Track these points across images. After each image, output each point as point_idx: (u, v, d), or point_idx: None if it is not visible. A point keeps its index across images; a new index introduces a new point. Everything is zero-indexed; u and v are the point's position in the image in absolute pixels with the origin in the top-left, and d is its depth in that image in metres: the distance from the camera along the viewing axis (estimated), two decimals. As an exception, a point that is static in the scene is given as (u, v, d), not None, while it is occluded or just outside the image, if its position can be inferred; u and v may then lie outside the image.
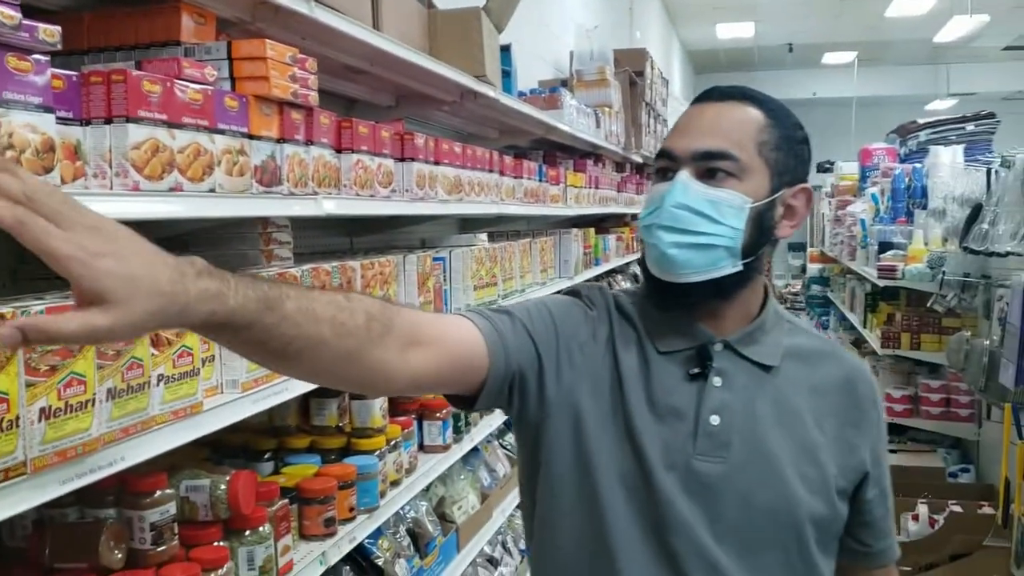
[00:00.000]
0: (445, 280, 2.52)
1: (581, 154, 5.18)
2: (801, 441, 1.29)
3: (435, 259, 2.47)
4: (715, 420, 1.26)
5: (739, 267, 1.26)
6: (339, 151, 1.87)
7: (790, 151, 1.30)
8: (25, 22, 1.03)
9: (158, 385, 1.27)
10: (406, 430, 2.22)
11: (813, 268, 11.30)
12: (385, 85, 2.83)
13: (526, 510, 1.42)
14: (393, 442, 2.12)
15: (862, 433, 1.35)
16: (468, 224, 4.16)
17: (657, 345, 1.30)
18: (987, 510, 4.07)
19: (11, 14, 0.98)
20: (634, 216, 7.04)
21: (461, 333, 1.22)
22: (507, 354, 1.24)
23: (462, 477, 2.73)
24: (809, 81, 17.27)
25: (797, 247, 16.07)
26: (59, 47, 1.08)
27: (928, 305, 5.05)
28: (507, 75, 3.13)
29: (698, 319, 1.31)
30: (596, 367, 1.30)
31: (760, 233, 1.28)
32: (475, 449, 2.94)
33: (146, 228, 1.61)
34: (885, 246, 5.88)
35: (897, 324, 5.44)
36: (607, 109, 5.17)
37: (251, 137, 1.50)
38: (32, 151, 1.06)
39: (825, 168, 16.39)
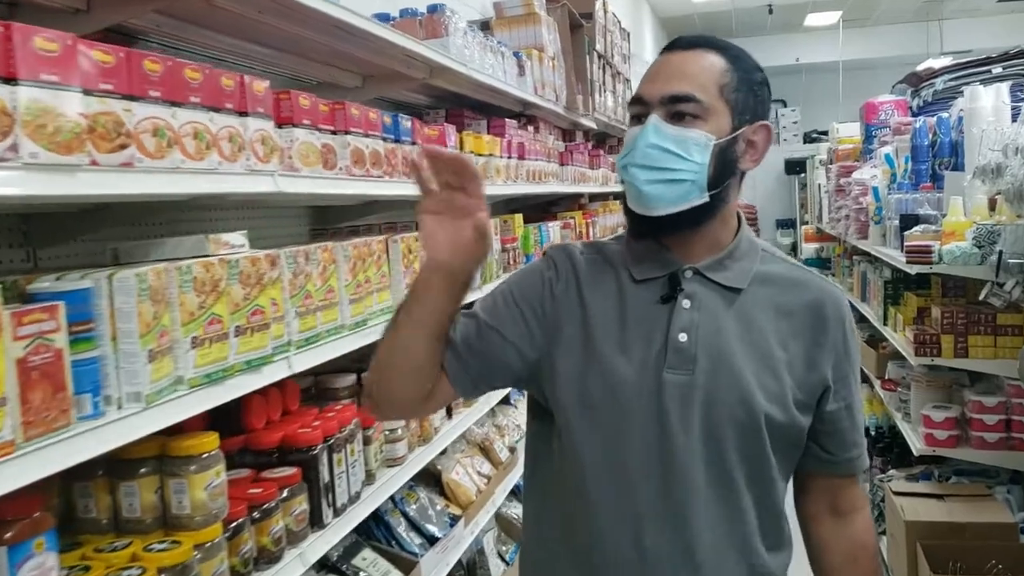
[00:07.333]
0: (94, 341, 1.19)
1: (510, 116, 3.85)
2: (762, 355, 1.42)
3: (59, 298, 1.14)
4: (683, 337, 1.40)
5: (706, 198, 1.40)
6: None
7: (749, 91, 1.43)
8: None
9: None
10: None
11: (808, 248, 9.94)
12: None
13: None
14: None
15: (824, 350, 1.46)
16: (329, 215, 2.82)
17: (634, 275, 1.46)
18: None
19: None
20: (593, 197, 5.72)
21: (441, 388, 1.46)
22: (470, 376, 1.45)
23: None
24: (791, 46, 16.19)
25: (785, 224, 14.81)
26: None
27: (981, 297, 3.74)
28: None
29: (670, 249, 1.46)
30: (560, 320, 1.46)
31: (724, 167, 1.41)
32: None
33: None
34: (909, 220, 4.54)
35: (934, 323, 4.13)
36: (536, 53, 3.83)
37: None
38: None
39: (813, 138, 15.19)
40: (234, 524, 1.50)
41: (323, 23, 2.01)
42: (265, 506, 1.57)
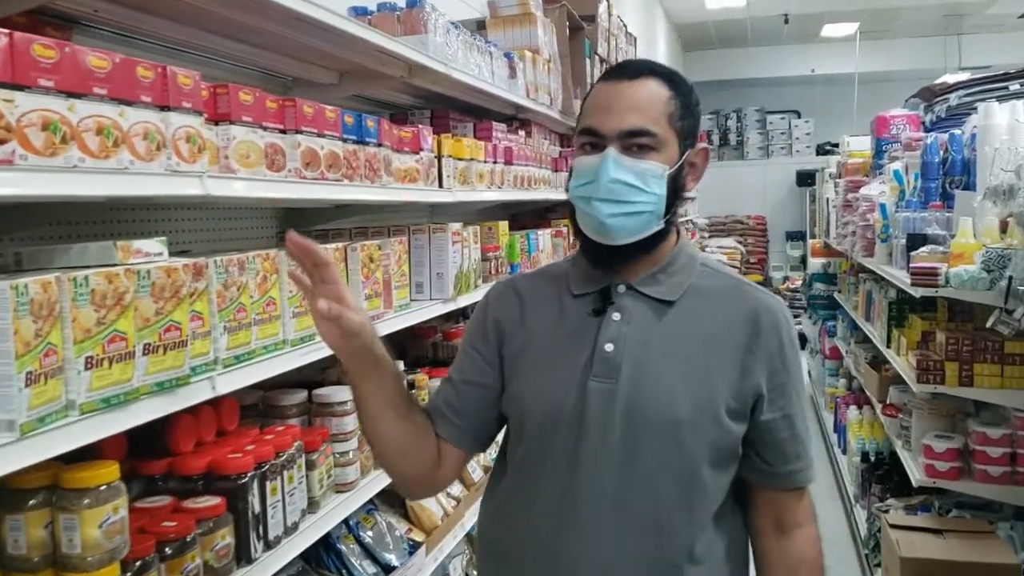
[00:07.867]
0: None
1: (502, 119, 3.70)
2: (692, 365, 1.46)
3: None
4: (609, 347, 1.47)
5: (662, 225, 1.48)
6: None
7: (690, 116, 1.49)
8: None
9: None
10: None
11: (815, 263, 9.76)
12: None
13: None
14: None
15: (757, 359, 1.49)
16: (304, 217, 2.67)
17: (573, 289, 1.55)
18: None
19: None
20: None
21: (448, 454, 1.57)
22: (469, 433, 1.57)
23: None
24: (807, 57, 15.96)
25: (795, 236, 14.59)
26: None
27: (988, 324, 3.57)
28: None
29: (615, 268, 1.52)
30: (503, 345, 1.56)
31: (675, 192, 1.48)
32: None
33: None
34: (916, 239, 4.37)
35: (939, 348, 3.95)
36: (530, 54, 3.67)
37: None
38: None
39: (826, 150, 14.96)
40: (139, 562, 1.35)
41: (278, 14, 1.86)
42: (179, 542, 1.43)
